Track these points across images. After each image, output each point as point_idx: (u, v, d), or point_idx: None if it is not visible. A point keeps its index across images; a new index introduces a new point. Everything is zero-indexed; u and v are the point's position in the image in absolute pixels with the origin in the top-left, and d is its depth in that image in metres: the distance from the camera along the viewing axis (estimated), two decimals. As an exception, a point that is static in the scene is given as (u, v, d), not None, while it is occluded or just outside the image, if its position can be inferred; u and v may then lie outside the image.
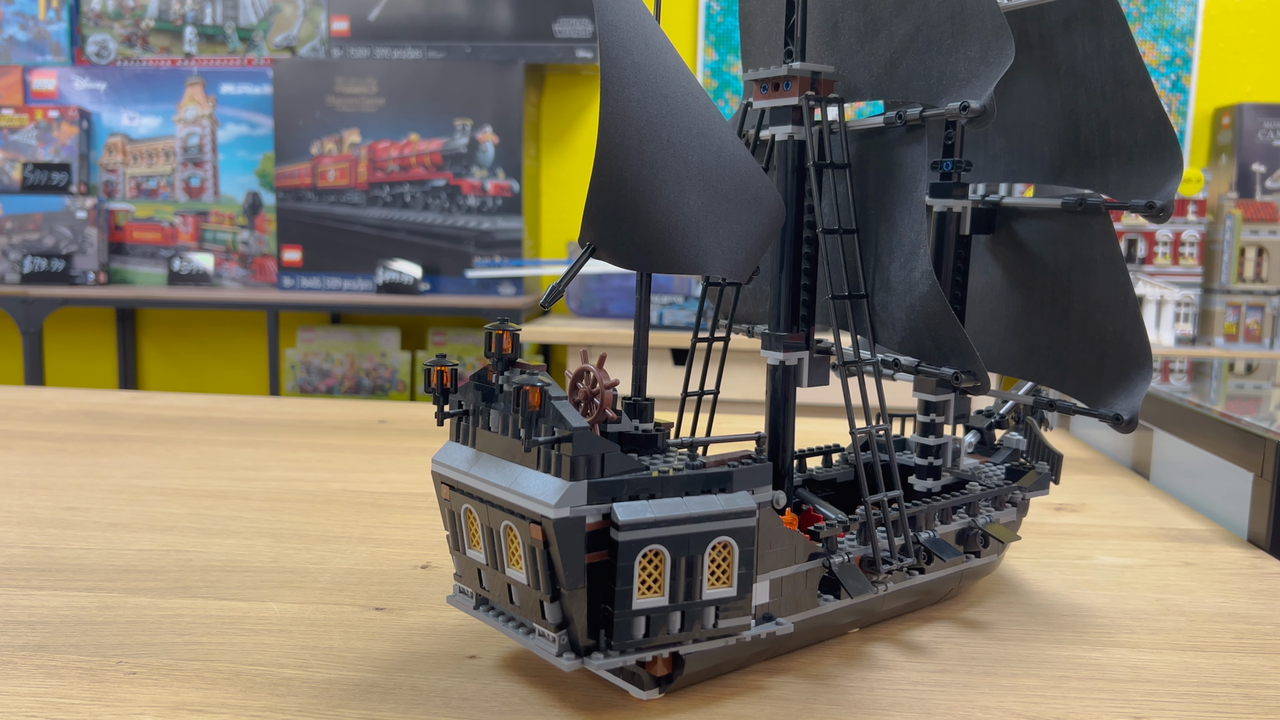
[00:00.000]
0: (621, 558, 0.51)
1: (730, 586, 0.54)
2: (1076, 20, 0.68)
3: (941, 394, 0.72)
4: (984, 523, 0.70)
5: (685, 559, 0.53)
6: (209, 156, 3.01)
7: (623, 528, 0.51)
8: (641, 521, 0.52)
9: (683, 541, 0.53)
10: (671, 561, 0.53)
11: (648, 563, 0.52)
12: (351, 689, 0.59)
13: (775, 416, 0.66)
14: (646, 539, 0.52)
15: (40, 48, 3.09)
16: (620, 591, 0.52)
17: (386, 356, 2.94)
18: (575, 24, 2.80)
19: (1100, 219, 0.69)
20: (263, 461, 1.13)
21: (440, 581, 0.77)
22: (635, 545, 0.52)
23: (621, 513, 0.51)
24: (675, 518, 0.53)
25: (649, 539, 0.52)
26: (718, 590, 0.54)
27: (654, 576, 0.53)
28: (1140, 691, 0.62)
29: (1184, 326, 2.64)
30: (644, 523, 0.52)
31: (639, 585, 0.52)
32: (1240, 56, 2.93)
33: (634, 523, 0.51)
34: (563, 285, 0.55)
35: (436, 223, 2.81)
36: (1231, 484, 1.01)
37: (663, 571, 0.53)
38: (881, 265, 0.66)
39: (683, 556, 0.53)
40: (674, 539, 0.53)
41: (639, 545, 0.52)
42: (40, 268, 2.88)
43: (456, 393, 0.58)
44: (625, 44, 0.53)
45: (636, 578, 0.52)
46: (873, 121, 0.66)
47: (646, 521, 0.52)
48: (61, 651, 0.63)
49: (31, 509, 0.93)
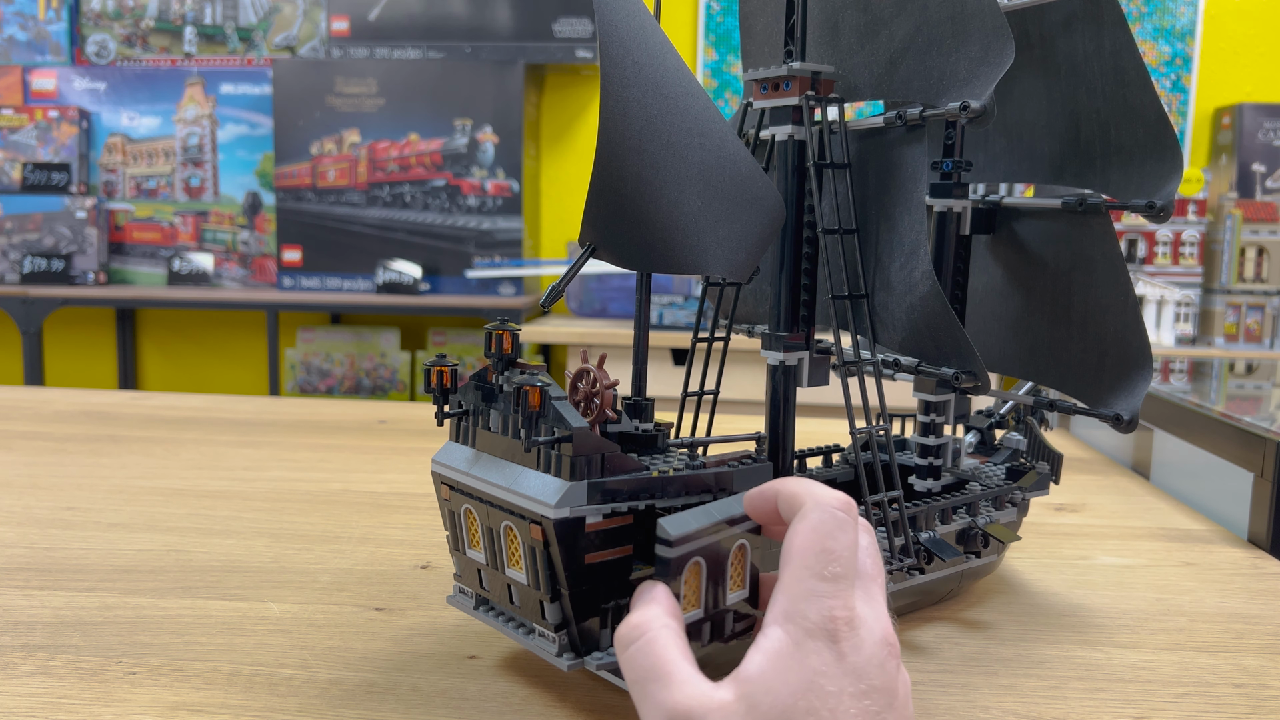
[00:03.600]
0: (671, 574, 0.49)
1: (744, 589, 0.54)
2: (1077, 20, 0.68)
3: (941, 394, 0.72)
4: (984, 523, 0.70)
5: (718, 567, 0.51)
6: (209, 156, 3.01)
7: (675, 543, 0.49)
8: (689, 534, 0.49)
9: (715, 549, 0.51)
10: (707, 572, 0.51)
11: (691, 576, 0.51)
12: (351, 689, 0.59)
13: (775, 416, 0.66)
14: (691, 552, 0.50)
15: (40, 48, 3.09)
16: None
17: (386, 356, 2.94)
18: (575, 24, 2.80)
19: (1100, 219, 0.69)
20: (263, 461, 1.13)
21: (440, 581, 0.77)
22: (683, 560, 0.49)
23: (670, 527, 0.49)
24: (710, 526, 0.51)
25: (693, 551, 0.50)
26: (736, 594, 0.54)
27: (694, 589, 0.51)
28: (1141, 692, 0.62)
29: (1184, 326, 2.64)
30: (690, 535, 0.49)
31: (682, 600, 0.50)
32: (1240, 56, 2.93)
33: (684, 536, 0.49)
34: (563, 285, 0.55)
35: (436, 223, 2.81)
36: (1231, 484, 1.01)
37: (700, 582, 0.51)
38: (882, 265, 0.66)
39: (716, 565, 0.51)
40: (709, 548, 0.51)
41: (686, 559, 0.50)
42: (40, 268, 2.88)
43: (456, 393, 0.58)
44: (625, 44, 0.53)
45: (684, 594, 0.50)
46: (873, 121, 0.66)
47: (692, 534, 0.50)
48: (61, 651, 0.63)
49: (31, 509, 0.93)
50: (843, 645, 0.42)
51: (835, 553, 0.45)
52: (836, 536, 0.46)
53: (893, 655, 0.44)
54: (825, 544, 0.45)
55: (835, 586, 0.44)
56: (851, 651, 0.42)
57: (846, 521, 0.46)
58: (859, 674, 0.42)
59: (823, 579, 0.44)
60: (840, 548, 0.45)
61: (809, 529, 0.46)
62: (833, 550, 0.45)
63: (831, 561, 0.45)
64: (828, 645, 0.42)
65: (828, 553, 0.45)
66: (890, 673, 0.43)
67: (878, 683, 0.42)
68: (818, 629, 0.43)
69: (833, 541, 0.45)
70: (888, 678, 0.43)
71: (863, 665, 0.42)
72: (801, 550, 0.45)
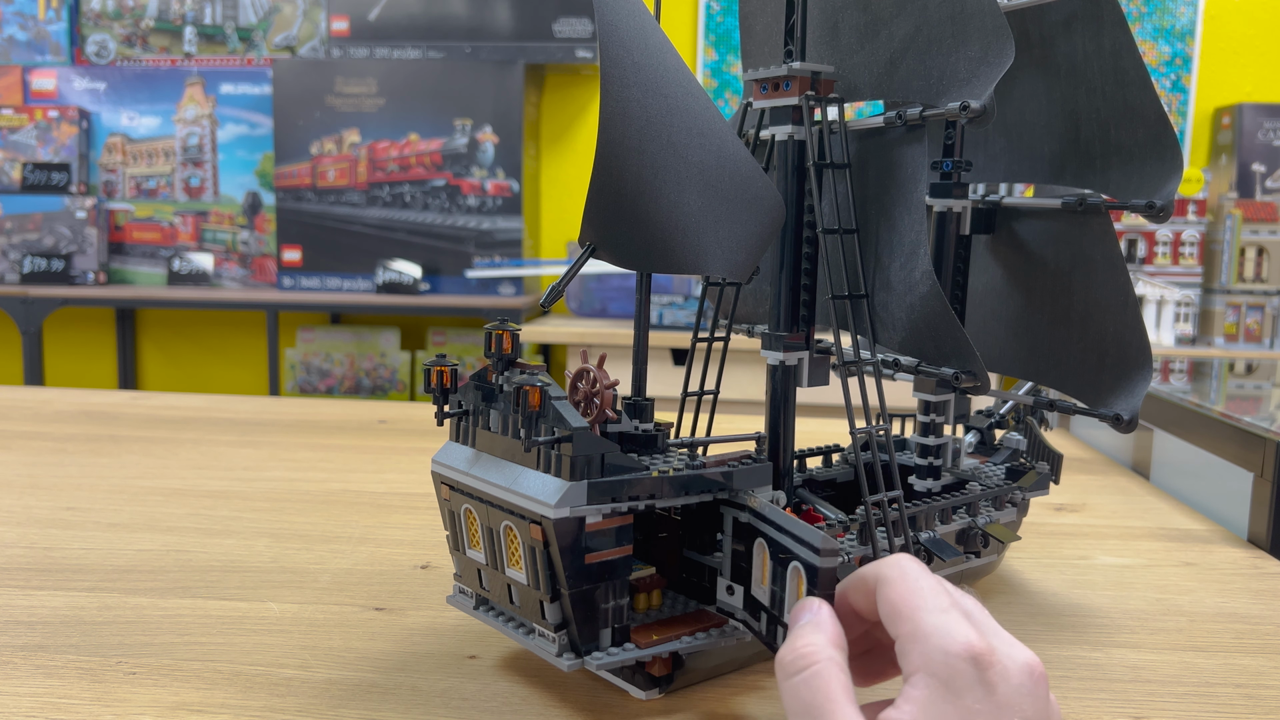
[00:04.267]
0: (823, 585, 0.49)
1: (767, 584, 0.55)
2: (1077, 20, 0.68)
3: (941, 394, 0.72)
4: (984, 523, 0.70)
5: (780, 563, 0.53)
6: (209, 156, 3.01)
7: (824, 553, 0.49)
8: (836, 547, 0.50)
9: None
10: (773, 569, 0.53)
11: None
12: (351, 689, 0.59)
13: (775, 416, 0.66)
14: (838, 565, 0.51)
15: (40, 48, 3.09)
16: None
17: (386, 356, 2.93)
18: (575, 24, 2.80)
19: (1100, 219, 0.69)
20: (263, 461, 1.13)
21: (440, 581, 0.77)
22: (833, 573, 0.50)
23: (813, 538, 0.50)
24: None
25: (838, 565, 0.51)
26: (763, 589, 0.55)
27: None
28: (1140, 691, 0.62)
29: (1184, 326, 2.64)
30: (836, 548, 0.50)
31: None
32: (1240, 56, 2.93)
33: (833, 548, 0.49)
34: (563, 285, 0.55)
35: (436, 223, 2.81)
36: (1231, 484, 1.01)
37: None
38: (882, 265, 0.66)
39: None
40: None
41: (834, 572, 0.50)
42: (40, 268, 2.88)
43: (456, 393, 0.58)
44: (625, 44, 0.53)
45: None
46: (873, 121, 0.66)
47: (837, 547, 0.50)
48: (61, 651, 0.63)
49: (31, 509, 0.93)
50: (990, 675, 0.41)
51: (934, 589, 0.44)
52: (925, 576, 0.45)
53: (1041, 682, 0.43)
54: (920, 583, 0.44)
55: (959, 618, 0.43)
56: (1000, 681, 0.41)
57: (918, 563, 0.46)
58: (1012, 706, 0.41)
59: (944, 612, 0.43)
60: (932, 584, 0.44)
61: (900, 577, 0.45)
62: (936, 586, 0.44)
63: (943, 594, 0.44)
64: (976, 680, 0.41)
65: (934, 589, 0.44)
66: (1042, 699, 0.42)
67: (1030, 712, 0.41)
68: (961, 663, 0.41)
69: (925, 580, 0.45)
70: (1040, 705, 0.42)
71: (1013, 695, 0.41)
72: (907, 597, 0.44)
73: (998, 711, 0.41)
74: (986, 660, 0.41)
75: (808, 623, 0.47)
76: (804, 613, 0.48)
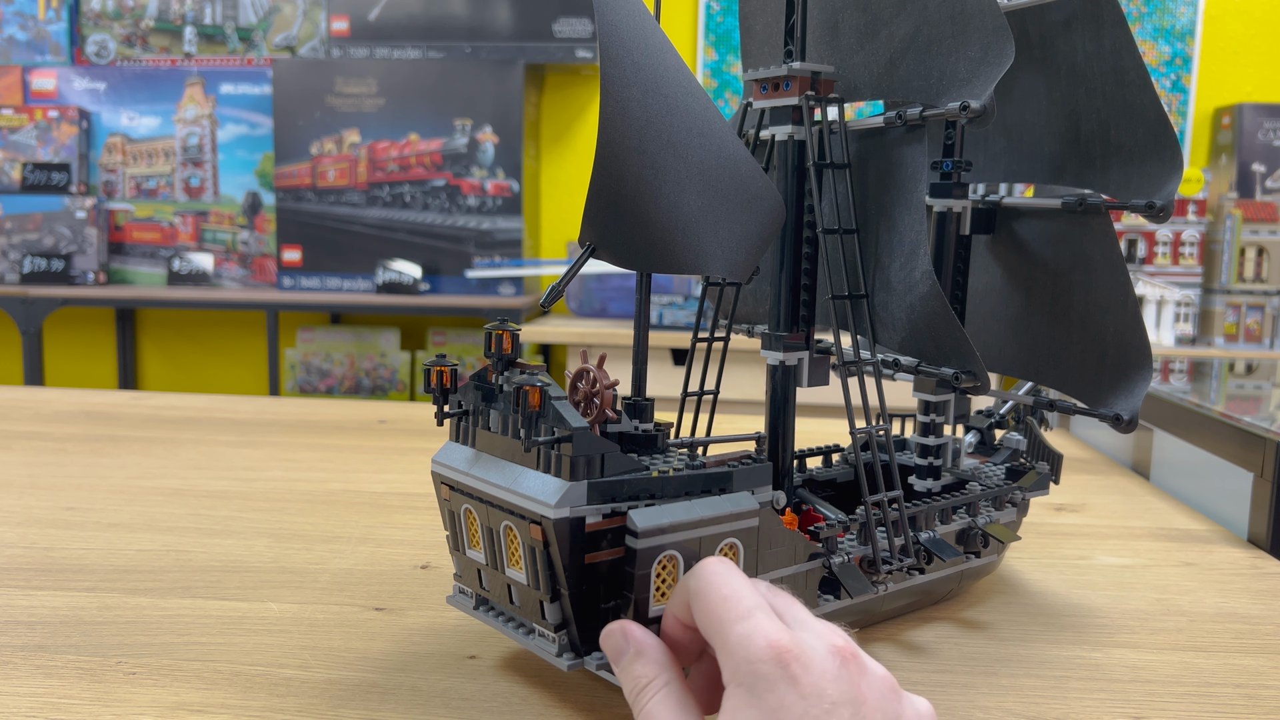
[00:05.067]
0: (640, 565, 0.51)
1: None
2: (1077, 20, 0.68)
3: (941, 394, 0.72)
4: (984, 523, 0.70)
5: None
6: (209, 156, 3.01)
7: (641, 534, 0.51)
8: (658, 527, 0.51)
9: (695, 545, 0.53)
10: (684, 566, 0.53)
11: (661, 569, 0.52)
12: (351, 689, 0.59)
13: (775, 416, 0.66)
14: (663, 545, 0.52)
15: (40, 48, 3.09)
16: (639, 600, 0.52)
17: (386, 356, 2.93)
18: (575, 24, 2.80)
19: (1100, 219, 0.69)
20: (263, 461, 1.13)
21: (440, 581, 0.77)
22: (653, 552, 0.51)
23: (639, 519, 0.51)
24: (688, 521, 0.52)
25: (665, 545, 0.52)
26: None
27: (667, 582, 0.53)
28: (1140, 692, 0.62)
29: (1184, 326, 2.64)
30: (660, 528, 0.51)
31: (654, 592, 0.52)
32: (1240, 56, 2.93)
33: (651, 529, 0.51)
34: (563, 285, 0.55)
35: (436, 223, 2.81)
36: (1231, 484, 1.01)
37: (675, 576, 0.53)
38: (881, 265, 0.66)
39: (694, 560, 0.53)
40: (686, 543, 0.52)
41: (656, 551, 0.51)
42: (40, 268, 2.88)
43: (456, 393, 0.58)
44: (625, 44, 0.53)
45: (653, 585, 0.52)
46: (873, 121, 0.66)
47: (663, 527, 0.51)
48: (61, 652, 0.63)
49: (31, 509, 0.93)
50: (793, 668, 0.42)
51: (737, 594, 0.45)
52: (729, 583, 0.46)
53: (848, 661, 0.43)
54: (722, 592, 0.45)
55: (764, 619, 0.44)
56: (803, 673, 0.42)
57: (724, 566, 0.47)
58: (818, 694, 0.41)
59: (747, 619, 0.44)
60: (736, 588, 0.45)
61: (706, 589, 0.46)
62: (741, 589, 0.45)
63: (747, 596, 0.45)
64: (780, 678, 0.42)
65: (738, 595, 0.45)
66: (850, 680, 0.43)
67: (836, 695, 0.42)
68: (765, 666, 0.42)
69: (727, 588, 0.45)
70: (848, 686, 0.42)
71: (817, 682, 0.42)
72: (714, 610, 0.45)
73: (802, 702, 0.41)
74: (789, 655, 0.42)
75: (631, 654, 0.48)
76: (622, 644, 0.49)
